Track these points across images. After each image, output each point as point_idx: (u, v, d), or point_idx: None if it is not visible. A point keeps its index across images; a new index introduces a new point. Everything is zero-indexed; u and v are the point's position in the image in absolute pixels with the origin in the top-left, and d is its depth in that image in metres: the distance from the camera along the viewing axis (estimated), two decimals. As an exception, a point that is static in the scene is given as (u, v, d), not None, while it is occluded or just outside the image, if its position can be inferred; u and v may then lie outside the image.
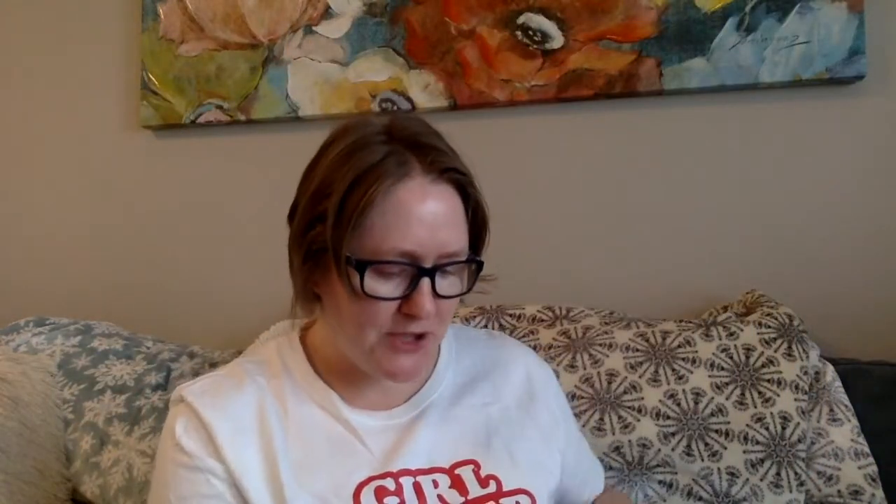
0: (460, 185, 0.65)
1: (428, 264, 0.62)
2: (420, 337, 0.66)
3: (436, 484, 0.68)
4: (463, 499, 0.67)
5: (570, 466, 0.79)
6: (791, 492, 0.93)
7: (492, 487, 0.68)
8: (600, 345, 1.05)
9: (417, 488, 0.67)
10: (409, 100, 1.33)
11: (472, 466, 0.70)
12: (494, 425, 0.73)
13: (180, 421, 0.67)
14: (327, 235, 0.62)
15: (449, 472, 0.69)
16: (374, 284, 0.62)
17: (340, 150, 0.64)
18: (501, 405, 0.75)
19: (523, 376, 0.79)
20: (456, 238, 0.64)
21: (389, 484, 0.66)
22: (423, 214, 0.61)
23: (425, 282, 0.62)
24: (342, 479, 0.66)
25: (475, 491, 0.68)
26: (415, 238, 0.61)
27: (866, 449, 0.96)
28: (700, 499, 0.94)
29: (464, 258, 0.66)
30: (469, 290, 0.68)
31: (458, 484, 0.68)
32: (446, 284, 0.65)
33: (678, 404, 0.98)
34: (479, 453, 0.71)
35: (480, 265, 0.67)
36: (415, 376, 0.69)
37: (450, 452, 0.70)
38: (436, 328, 0.66)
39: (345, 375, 0.71)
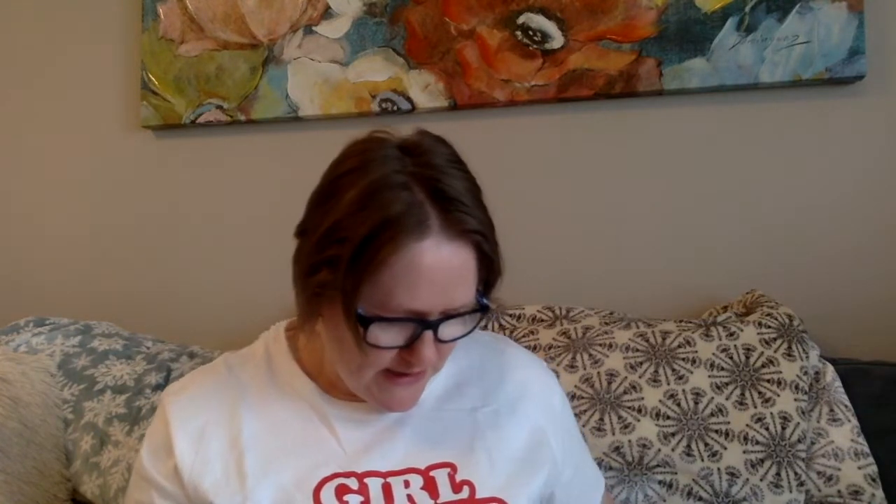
0: (477, 243, 0.62)
1: (433, 318, 0.61)
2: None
3: (407, 484, 0.67)
4: (433, 502, 0.66)
5: (567, 480, 0.77)
6: (791, 492, 0.93)
7: (464, 493, 0.67)
8: (600, 345, 1.05)
9: (386, 489, 0.66)
10: (409, 100, 1.33)
11: (448, 470, 0.68)
12: (481, 430, 0.72)
13: (150, 429, 0.71)
14: (338, 286, 0.60)
15: (423, 472, 0.68)
16: (377, 334, 0.61)
17: (357, 192, 0.60)
18: (491, 409, 0.74)
19: (520, 382, 0.77)
20: (464, 293, 0.62)
21: (352, 483, 0.66)
22: (435, 275, 0.59)
23: (428, 334, 0.61)
24: (307, 472, 0.66)
25: (446, 495, 0.67)
26: (423, 298, 0.60)
27: (866, 449, 0.96)
28: (700, 499, 0.94)
29: (470, 307, 0.63)
30: (471, 331, 0.66)
31: (429, 486, 0.67)
32: (450, 330, 0.63)
33: (678, 404, 0.98)
34: (458, 457, 0.69)
35: (487, 310, 0.66)
36: (411, 406, 0.69)
37: (428, 454, 0.69)
38: (437, 364, 0.66)
39: (328, 369, 0.71)
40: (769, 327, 1.02)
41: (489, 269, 0.65)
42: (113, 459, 1.07)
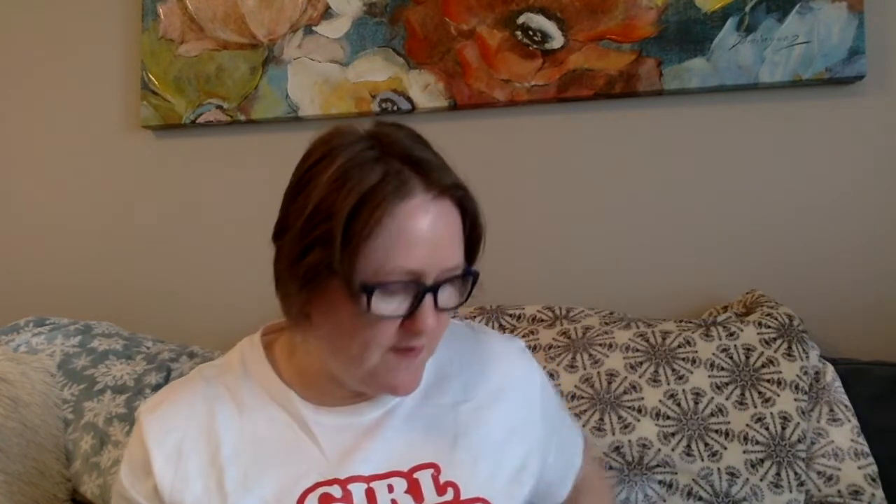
0: (460, 199, 0.65)
1: (430, 281, 0.62)
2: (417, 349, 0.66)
3: (391, 488, 0.67)
4: None
5: (552, 462, 0.77)
6: (791, 492, 0.93)
7: (449, 495, 0.67)
8: (600, 345, 1.05)
9: (370, 494, 0.66)
10: (409, 100, 1.33)
11: (431, 471, 0.68)
12: (463, 426, 0.72)
13: (128, 448, 0.70)
14: (335, 260, 0.60)
15: (407, 475, 0.68)
16: (379, 304, 0.62)
17: (333, 172, 0.62)
18: (473, 404, 0.73)
19: (500, 372, 0.76)
20: (454, 253, 0.64)
21: (336, 491, 0.66)
22: (425, 233, 0.61)
23: (428, 298, 0.62)
24: (289, 484, 0.66)
25: (431, 498, 0.67)
26: (418, 257, 0.61)
27: (866, 449, 0.96)
28: (700, 499, 0.94)
29: (461, 271, 0.65)
30: (466, 300, 0.68)
31: (414, 489, 0.67)
32: (446, 297, 0.65)
33: (678, 404, 0.98)
34: (441, 456, 0.69)
35: (477, 276, 0.67)
36: (415, 388, 0.68)
37: (411, 455, 0.69)
38: (432, 341, 0.67)
39: (309, 377, 0.71)
40: (769, 327, 1.02)
41: (472, 228, 0.67)
42: (113, 459, 1.07)
